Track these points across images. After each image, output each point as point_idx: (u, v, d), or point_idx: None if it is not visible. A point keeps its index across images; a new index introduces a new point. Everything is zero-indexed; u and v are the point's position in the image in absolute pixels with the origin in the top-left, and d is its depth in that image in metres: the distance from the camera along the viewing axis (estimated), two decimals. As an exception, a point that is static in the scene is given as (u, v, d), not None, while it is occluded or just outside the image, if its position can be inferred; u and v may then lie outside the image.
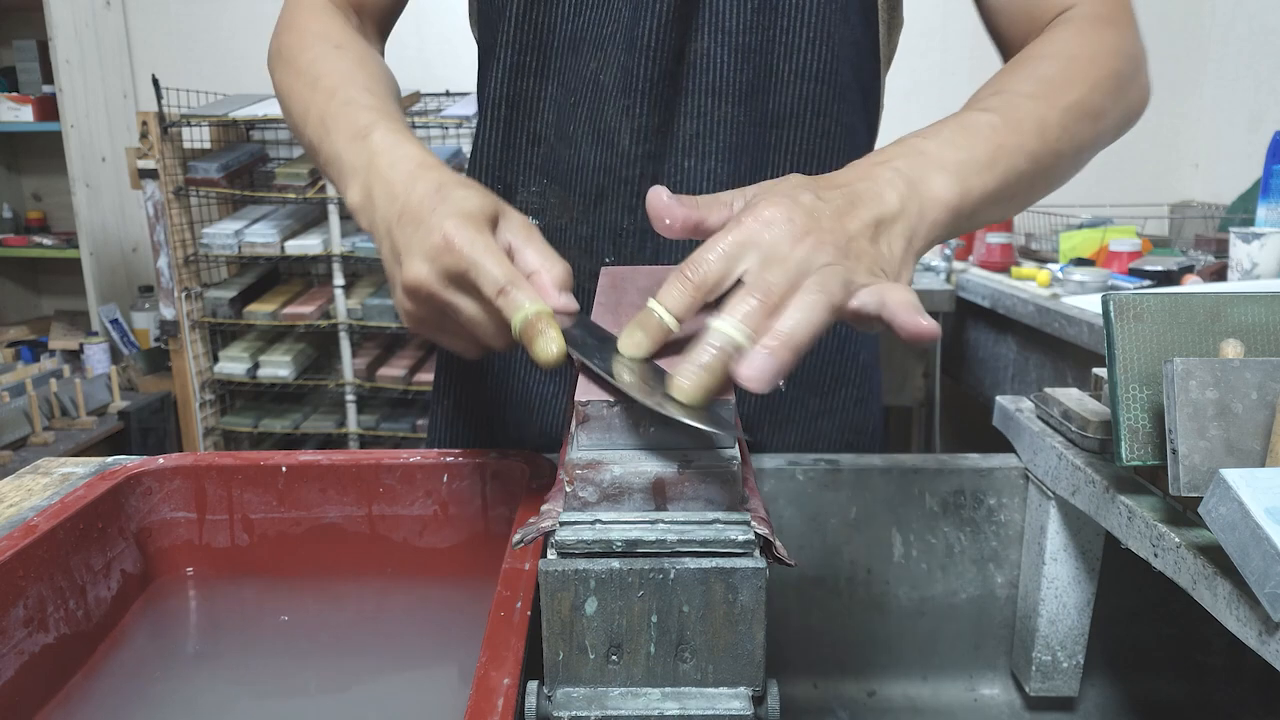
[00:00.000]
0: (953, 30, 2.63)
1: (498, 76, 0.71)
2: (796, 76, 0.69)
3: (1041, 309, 1.72)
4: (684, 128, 0.69)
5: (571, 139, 0.71)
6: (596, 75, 0.69)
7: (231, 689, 0.55)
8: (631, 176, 0.70)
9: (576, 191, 0.71)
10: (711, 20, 0.67)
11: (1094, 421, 0.56)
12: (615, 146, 0.69)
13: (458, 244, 0.46)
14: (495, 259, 0.46)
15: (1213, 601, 0.41)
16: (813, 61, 0.68)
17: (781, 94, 0.69)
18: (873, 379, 0.80)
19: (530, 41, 0.70)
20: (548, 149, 0.72)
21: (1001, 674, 0.68)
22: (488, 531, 0.64)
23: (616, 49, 0.68)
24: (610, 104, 0.69)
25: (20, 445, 2.20)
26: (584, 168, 0.71)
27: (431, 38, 2.73)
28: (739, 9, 0.67)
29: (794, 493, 0.65)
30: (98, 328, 2.81)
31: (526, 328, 0.44)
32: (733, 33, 0.67)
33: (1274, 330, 0.47)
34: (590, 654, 0.38)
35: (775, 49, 0.68)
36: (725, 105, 0.68)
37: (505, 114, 0.72)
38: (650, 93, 0.68)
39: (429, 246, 0.47)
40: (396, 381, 2.56)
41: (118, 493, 0.60)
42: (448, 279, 0.47)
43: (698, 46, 0.68)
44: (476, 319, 0.47)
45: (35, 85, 2.79)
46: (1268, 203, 1.68)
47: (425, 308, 0.49)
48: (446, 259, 0.46)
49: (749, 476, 0.43)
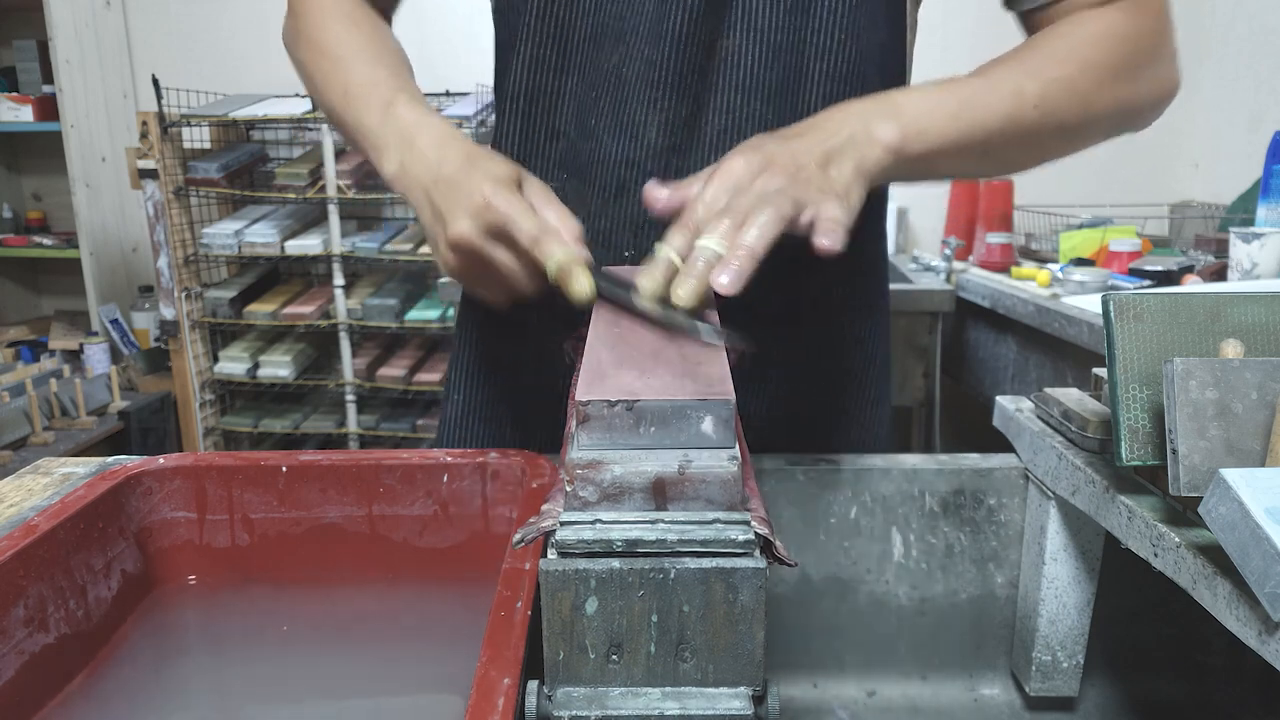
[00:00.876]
0: (953, 29, 2.63)
1: (517, 70, 0.71)
2: (826, 77, 0.69)
3: (1041, 309, 1.72)
4: (711, 123, 0.69)
5: (592, 132, 0.70)
6: (619, 68, 0.69)
7: (231, 688, 0.55)
8: (655, 169, 0.69)
9: (596, 185, 0.71)
10: (744, 18, 0.67)
11: (1094, 421, 0.56)
12: (640, 139, 0.69)
13: (495, 203, 0.54)
14: (529, 215, 0.54)
15: (1213, 601, 0.41)
16: (843, 63, 0.68)
17: (811, 94, 0.69)
18: (887, 380, 0.81)
19: (551, 35, 0.70)
20: (567, 143, 0.72)
21: (1001, 674, 0.68)
22: (488, 531, 0.64)
23: (640, 41, 0.68)
24: (635, 96, 0.68)
25: (20, 445, 2.20)
26: (605, 160, 0.71)
27: (431, 38, 2.73)
28: (772, 7, 0.67)
29: (794, 493, 0.65)
30: (98, 328, 2.81)
31: (561, 272, 0.53)
32: (764, 30, 0.67)
33: (1274, 330, 0.47)
34: (590, 654, 0.38)
35: (807, 49, 0.68)
36: (754, 102, 0.68)
37: (524, 108, 0.73)
38: (679, 85, 0.68)
39: (471, 206, 0.55)
40: (396, 381, 2.55)
41: (118, 493, 0.60)
42: (489, 233, 0.55)
43: (729, 43, 0.68)
44: (512, 268, 0.56)
45: (35, 85, 2.79)
46: (1268, 203, 1.68)
47: (468, 260, 0.56)
48: (488, 215, 0.54)
49: (749, 476, 0.43)
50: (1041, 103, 0.60)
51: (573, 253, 0.53)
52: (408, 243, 2.49)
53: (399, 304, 2.54)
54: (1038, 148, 0.64)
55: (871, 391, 0.78)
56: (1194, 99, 2.61)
